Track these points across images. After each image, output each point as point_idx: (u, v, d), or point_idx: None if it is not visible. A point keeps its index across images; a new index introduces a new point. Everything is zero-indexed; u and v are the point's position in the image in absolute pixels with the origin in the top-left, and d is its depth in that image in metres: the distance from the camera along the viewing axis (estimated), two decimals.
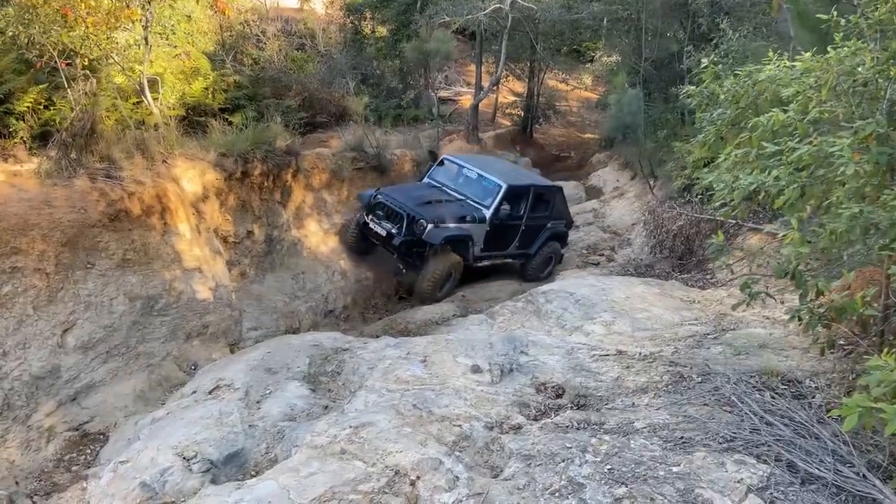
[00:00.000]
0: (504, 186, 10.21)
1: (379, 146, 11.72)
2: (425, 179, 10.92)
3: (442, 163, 11.07)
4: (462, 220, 9.77)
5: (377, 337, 7.06)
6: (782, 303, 5.34)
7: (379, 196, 9.72)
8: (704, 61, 4.94)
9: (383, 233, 9.51)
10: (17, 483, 4.81)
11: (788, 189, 3.48)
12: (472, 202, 10.11)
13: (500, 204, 10.11)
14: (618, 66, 17.98)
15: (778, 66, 4.43)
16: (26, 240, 5.46)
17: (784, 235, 3.59)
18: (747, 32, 10.93)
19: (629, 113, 13.03)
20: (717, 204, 4.36)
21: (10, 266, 5.33)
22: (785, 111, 3.81)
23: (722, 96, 4.78)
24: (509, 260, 10.97)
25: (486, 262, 10.46)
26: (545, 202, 11.08)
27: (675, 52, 14.54)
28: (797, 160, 3.54)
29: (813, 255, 3.91)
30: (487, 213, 10.04)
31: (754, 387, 4.30)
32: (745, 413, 3.83)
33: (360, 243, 10.26)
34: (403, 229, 9.33)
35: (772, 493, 3.11)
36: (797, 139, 3.66)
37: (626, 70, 15.25)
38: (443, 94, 21.22)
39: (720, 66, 5.49)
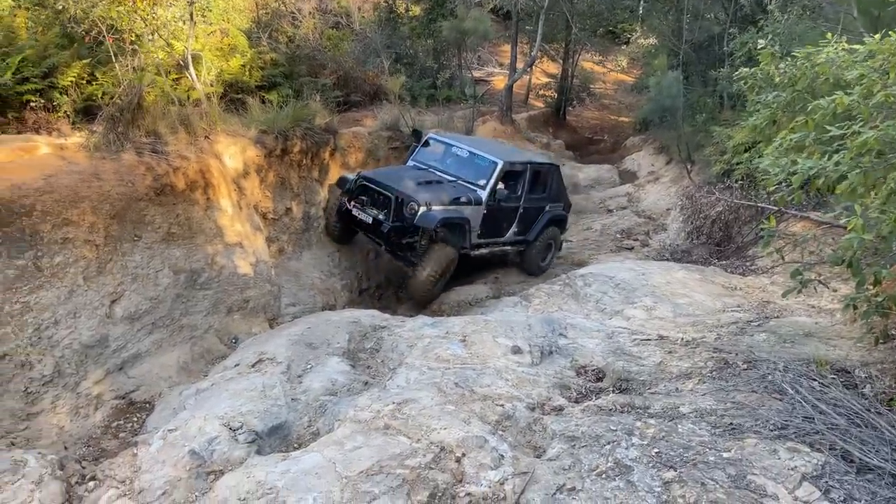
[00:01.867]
0: (499, 163, 9.17)
1: (414, 125, 11.69)
2: (409, 162, 9.80)
3: (427, 143, 9.94)
4: (457, 201, 8.67)
5: (413, 315, 7.09)
6: (835, 291, 5.25)
7: (361, 179, 8.63)
8: (761, 42, 4.82)
9: (368, 220, 8.38)
10: (66, 448, 4.93)
11: (852, 174, 3.40)
12: (464, 183, 9.06)
13: (496, 183, 9.09)
14: (656, 48, 17.69)
15: (836, 48, 4.32)
16: (77, 211, 5.55)
17: (847, 222, 3.51)
18: (795, 14, 10.67)
19: (667, 96, 12.83)
20: (771, 188, 4.27)
21: (61, 237, 5.43)
22: (848, 94, 3.71)
23: (777, 78, 4.68)
24: (508, 248, 9.89)
25: (483, 251, 9.39)
26: (543, 182, 10.07)
27: (715, 34, 14.28)
28: (860, 145, 3.46)
29: (870, 243, 3.83)
30: (483, 194, 8.96)
31: (803, 375, 4.24)
32: (797, 401, 3.79)
33: (344, 233, 9.26)
34: (391, 214, 8.23)
35: (827, 482, 3.08)
36: (860, 123, 3.57)
37: (664, 52, 15.00)
38: (476, 74, 21.08)
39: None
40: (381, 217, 8.32)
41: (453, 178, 9.11)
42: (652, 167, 16.29)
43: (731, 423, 3.71)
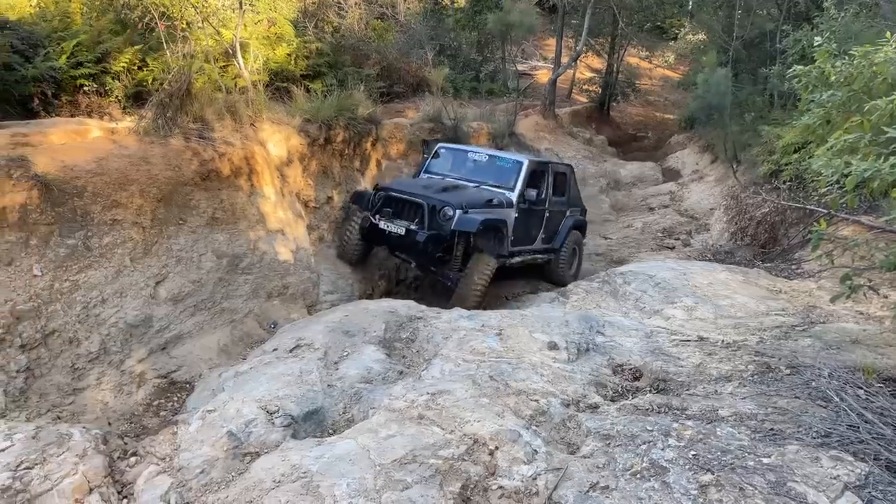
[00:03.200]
0: (525, 162, 8.75)
1: (456, 118, 11.67)
2: (422, 175, 9.20)
3: (437, 154, 9.37)
4: (490, 204, 8.15)
5: (449, 308, 7.09)
6: (885, 297, 5.09)
7: (384, 191, 8.14)
8: (818, 40, 4.68)
9: (400, 231, 7.68)
10: (109, 423, 5.07)
11: None
12: (490, 187, 8.54)
13: (525, 184, 8.58)
14: (705, 44, 17.33)
15: (894, 48, 4.17)
16: (126, 194, 5.69)
17: None
18: (852, 13, 10.33)
19: (715, 93, 12.55)
20: (823, 190, 4.15)
21: (111, 218, 5.57)
22: None
23: (833, 77, 4.53)
24: (539, 257, 9.24)
25: (517, 260, 8.75)
26: (562, 185, 9.57)
27: (768, 31, 13.92)
28: None
29: None
30: (513, 196, 8.42)
31: (849, 383, 4.13)
32: (842, 409, 3.69)
33: (364, 254, 8.56)
34: (426, 223, 7.60)
35: (870, 492, 2.99)
36: None
37: (714, 48, 14.68)
38: (520, 67, 20.94)
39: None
40: (413, 227, 7.65)
41: (476, 184, 8.66)
42: (696, 166, 16.00)
43: (773, 429, 3.63)
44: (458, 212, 7.55)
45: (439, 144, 9.68)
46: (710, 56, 13.49)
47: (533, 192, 8.61)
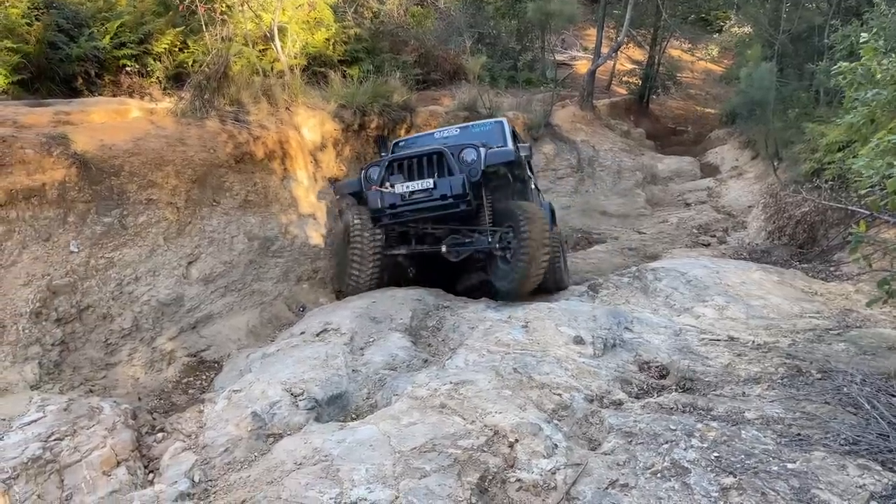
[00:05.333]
0: (504, 121, 7.77)
1: (492, 107, 11.61)
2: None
3: (398, 144, 8.03)
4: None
5: (476, 298, 7.08)
6: None
7: (392, 154, 7.06)
8: (865, 36, 4.52)
9: (426, 186, 6.35)
10: (139, 399, 5.19)
11: None
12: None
13: (515, 139, 7.52)
14: (750, 37, 16.91)
15: None
16: (161, 174, 5.79)
17: None
18: None
19: (759, 88, 12.24)
20: (864, 191, 4.03)
21: (146, 198, 5.68)
22: None
23: (879, 75, 4.39)
24: None
25: None
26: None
27: (816, 25, 13.51)
28: None
29: None
30: (511, 151, 6.98)
31: (882, 390, 4.01)
32: (872, 416, 3.59)
33: (383, 268, 6.80)
34: (455, 167, 6.37)
35: None
36: None
37: (759, 42, 14.31)
38: (559, 57, 20.71)
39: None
40: (433, 182, 6.35)
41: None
42: (736, 162, 15.66)
43: (799, 434, 3.55)
44: (481, 150, 6.53)
45: (396, 140, 8.34)
46: (754, 50, 13.17)
47: (525, 146, 7.46)
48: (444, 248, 6.67)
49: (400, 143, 8.04)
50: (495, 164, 6.56)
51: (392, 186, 6.43)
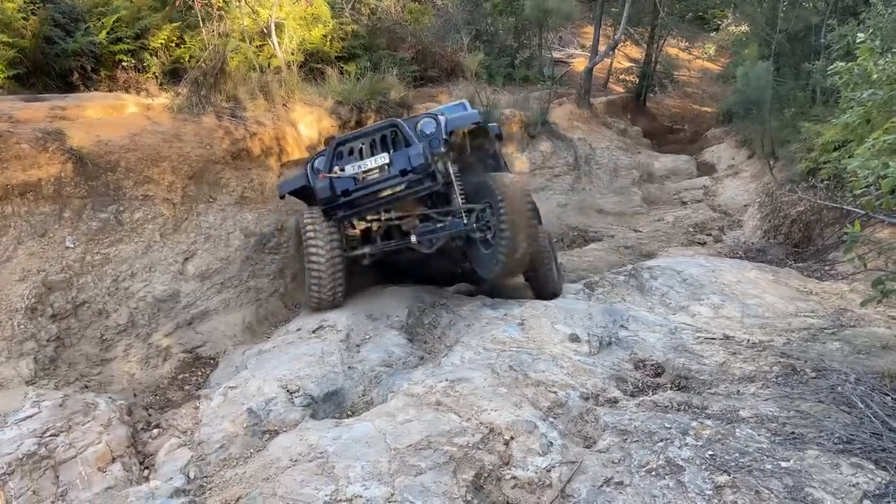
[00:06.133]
0: (466, 102, 7.30)
1: (489, 104, 11.60)
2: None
3: (343, 143, 6.25)
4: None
5: (472, 296, 7.09)
6: None
7: (334, 145, 5.90)
8: (861, 36, 4.53)
9: (381, 163, 5.61)
10: (135, 395, 5.19)
11: None
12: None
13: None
14: (748, 36, 16.92)
15: None
16: (158, 170, 5.78)
17: None
18: None
19: (756, 87, 12.24)
20: (858, 191, 4.04)
21: (142, 194, 5.67)
22: None
23: (875, 75, 4.40)
24: None
25: None
26: None
27: (812, 24, 13.54)
28: None
29: None
30: (475, 112, 6.60)
31: (875, 389, 4.03)
32: (866, 415, 3.61)
33: (349, 275, 5.99)
34: (413, 139, 5.66)
35: (889, 502, 2.92)
36: None
37: (756, 41, 14.32)
38: (556, 55, 20.69)
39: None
40: (389, 157, 5.62)
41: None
42: (732, 161, 15.67)
43: (793, 433, 3.56)
44: (440, 118, 5.82)
45: (341, 138, 6.95)
46: (751, 49, 13.17)
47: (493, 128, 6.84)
48: (413, 240, 5.80)
49: (341, 141, 6.68)
50: (459, 127, 5.93)
51: (342, 170, 5.60)
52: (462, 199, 5.87)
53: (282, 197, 6.11)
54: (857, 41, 4.59)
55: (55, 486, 3.50)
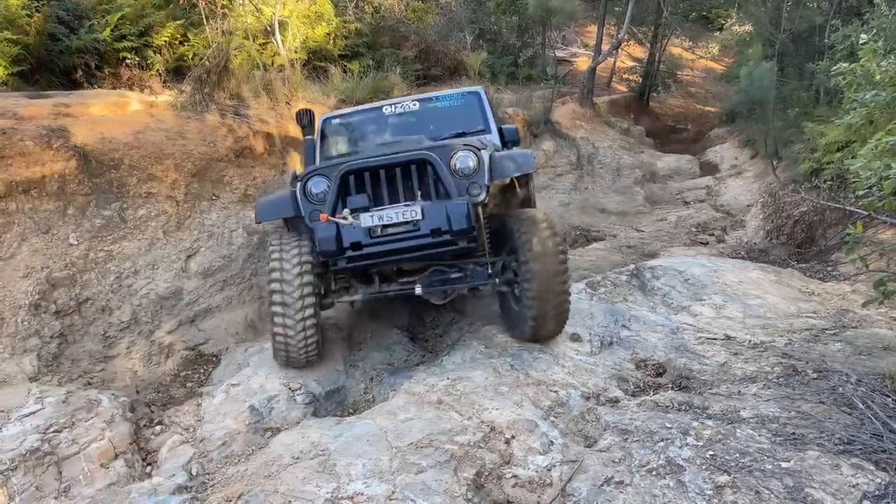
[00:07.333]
0: (481, 91, 6.34)
1: (492, 103, 11.58)
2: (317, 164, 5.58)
3: (330, 121, 5.91)
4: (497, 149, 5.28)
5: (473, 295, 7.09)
6: None
7: (344, 173, 4.33)
8: (864, 37, 4.53)
9: (405, 218, 4.23)
10: (137, 392, 5.21)
11: None
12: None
13: (497, 121, 6.02)
14: (751, 36, 16.90)
15: None
16: (161, 168, 5.80)
17: None
18: None
19: (759, 87, 12.22)
20: (861, 192, 4.04)
21: (146, 191, 5.69)
22: None
23: (878, 76, 4.40)
24: None
25: None
26: None
27: (816, 24, 13.51)
28: None
29: None
30: (496, 139, 5.73)
31: (876, 390, 4.03)
32: (867, 417, 3.61)
33: (321, 335, 4.76)
34: (436, 192, 4.35)
35: (889, 503, 2.93)
36: None
37: (760, 41, 14.31)
38: (559, 54, 20.68)
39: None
40: (417, 211, 4.23)
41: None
42: (735, 161, 15.65)
43: (794, 433, 3.57)
44: (482, 153, 4.42)
45: (327, 116, 6.08)
46: (755, 48, 13.17)
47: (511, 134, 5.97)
48: (419, 290, 4.68)
49: (334, 122, 5.90)
50: (509, 175, 4.65)
51: (355, 217, 4.23)
52: (487, 244, 4.79)
53: (259, 222, 4.89)
54: (861, 42, 4.59)
55: (58, 482, 3.53)
